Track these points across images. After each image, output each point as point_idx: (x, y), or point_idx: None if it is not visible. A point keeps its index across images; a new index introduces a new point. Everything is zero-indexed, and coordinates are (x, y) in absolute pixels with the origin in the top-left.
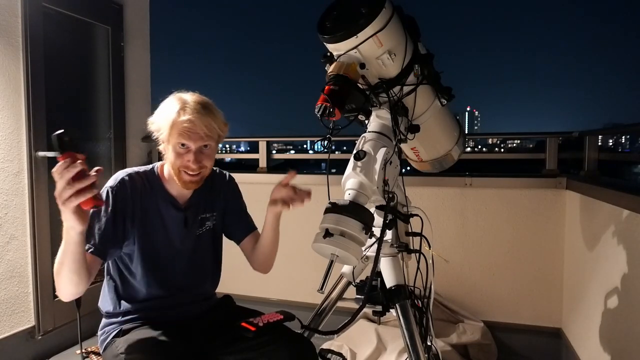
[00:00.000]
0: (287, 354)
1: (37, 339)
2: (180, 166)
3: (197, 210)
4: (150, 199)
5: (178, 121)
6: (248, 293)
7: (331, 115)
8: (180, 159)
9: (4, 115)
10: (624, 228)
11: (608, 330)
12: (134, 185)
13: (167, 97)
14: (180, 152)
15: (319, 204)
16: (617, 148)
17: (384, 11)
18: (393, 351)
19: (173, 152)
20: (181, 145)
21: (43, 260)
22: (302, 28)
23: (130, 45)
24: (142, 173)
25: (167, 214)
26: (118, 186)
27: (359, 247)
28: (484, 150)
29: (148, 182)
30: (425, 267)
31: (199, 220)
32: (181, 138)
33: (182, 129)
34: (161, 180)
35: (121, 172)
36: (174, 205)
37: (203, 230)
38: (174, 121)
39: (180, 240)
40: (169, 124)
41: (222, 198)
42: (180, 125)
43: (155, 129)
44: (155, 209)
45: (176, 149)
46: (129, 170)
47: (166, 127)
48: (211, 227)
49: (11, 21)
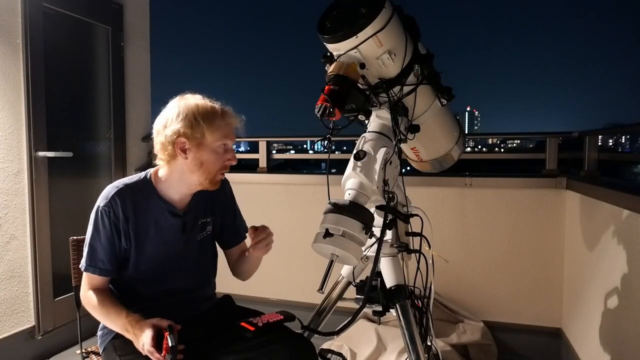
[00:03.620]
0: (287, 354)
1: (37, 339)
2: (220, 168)
3: (197, 215)
4: (144, 211)
5: (222, 123)
6: (248, 293)
7: (331, 115)
8: (220, 159)
9: (4, 115)
10: (624, 228)
11: (608, 330)
12: (124, 201)
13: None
14: (220, 153)
15: (319, 204)
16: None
17: (384, 11)
18: (393, 351)
19: (212, 155)
20: (223, 145)
21: (43, 260)
22: (303, 28)
23: (130, 45)
24: (132, 185)
25: (164, 222)
26: (109, 205)
27: (359, 247)
28: (484, 150)
29: (140, 192)
30: (425, 267)
31: (199, 224)
32: (225, 139)
33: (226, 129)
34: (156, 187)
35: (111, 187)
36: (170, 212)
37: (204, 235)
38: (217, 124)
39: (180, 247)
40: (209, 128)
41: (219, 201)
42: (225, 127)
43: (182, 133)
44: (150, 218)
45: (217, 150)
46: (119, 183)
47: (203, 131)
48: (211, 231)
49: (11, 21)
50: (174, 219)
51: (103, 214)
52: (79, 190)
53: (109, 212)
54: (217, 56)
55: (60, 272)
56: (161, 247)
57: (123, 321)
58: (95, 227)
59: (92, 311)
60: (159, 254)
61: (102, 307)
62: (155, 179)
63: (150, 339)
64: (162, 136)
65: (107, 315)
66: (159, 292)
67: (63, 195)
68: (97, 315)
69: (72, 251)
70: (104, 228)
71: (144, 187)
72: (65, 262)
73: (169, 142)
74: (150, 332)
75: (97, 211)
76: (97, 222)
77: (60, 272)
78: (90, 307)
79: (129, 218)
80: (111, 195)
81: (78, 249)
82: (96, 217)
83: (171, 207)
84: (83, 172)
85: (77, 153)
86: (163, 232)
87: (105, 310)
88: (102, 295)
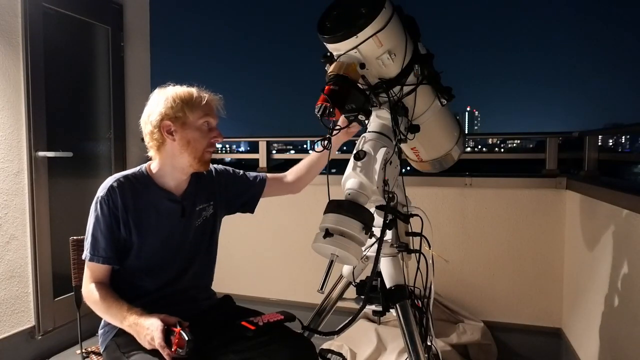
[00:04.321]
0: (287, 353)
1: (37, 339)
2: (207, 145)
3: (195, 201)
4: (142, 198)
5: (200, 101)
6: (248, 293)
7: (331, 115)
8: (206, 137)
9: (4, 115)
10: (624, 228)
11: (608, 330)
12: (123, 190)
13: (154, 95)
14: (205, 131)
15: (319, 204)
16: (617, 148)
17: (384, 11)
18: (393, 351)
19: (197, 133)
20: (206, 123)
21: (43, 260)
22: (303, 28)
23: (130, 45)
24: (130, 175)
25: (163, 208)
26: (108, 194)
27: (359, 247)
28: (484, 150)
29: (138, 182)
30: (425, 267)
31: (196, 211)
32: (207, 116)
33: (205, 108)
34: (152, 178)
35: (110, 178)
36: (169, 197)
37: (201, 221)
38: (196, 102)
39: (179, 232)
40: (189, 106)
41: (218, 189)
42: (205, 104)
43: (164, 115)
44: (149, 206)
45: (202, 128)
46: (117, 175)
47: (184, 110)
48: (207, 217)
49: (11, 21)
50: (173, 205)
51: (102, 203)
52: (79, 191)
53: (108, 202)
54: (217, 56)
55: (60, 272)
56: (162, 234)
57: (124, 314)
58: (96, 217)
59: (93, 305)
60: (161, 240)
61: (104, 301)
62: (150, 172)
63: (160, 333)
64: (149, 125)
65: (109, 310)
66: (161, 282)
67: (63, 195)
68: (98, 310)
69: (72, 251)
70: (104, 217)
71: (141, 178)
72: (65, 262)
73: (155, 127)
74: (160, 326)
75: (96, 202)
76: (97, 212)
77: (60, 272)
78: (92, 301)
79: (128, 207)
80: (109, 185)
81: (78, 249)
82: (96, 207)
83: (169, 194)
84: (83, 172)
85: (77, 153)
86: (163, 218)
87: (106, 304)
88: (103, 290)
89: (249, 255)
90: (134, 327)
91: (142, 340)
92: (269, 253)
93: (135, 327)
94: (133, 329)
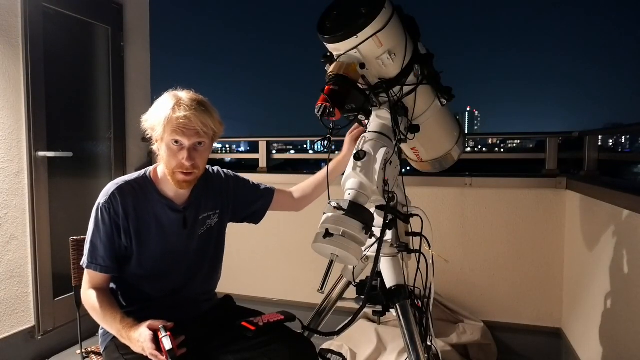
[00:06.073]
0: (288, 353)
1: (37, 339)
2: (175, 166)
3: (198, 210)
4: (144, 207)
5: (173, 117)
6: (248, 293)
7: (331, 115)
8: (175, 157)
9: (4, 115)
10: (624, 228)
11: (608, 330)
12: (125, 198)
13: (161, 96)
14: (174, 150)
15: (319, 204)
16: (617, 148)
17: (384, 11)
18: (393, 351)
19: (167, 150)
20: (175, 142)
21: (43, 260)
22: (303, 28)
23: (130, 45)
24: (132, 182)
25: (164, 218)
26: (109, 201)
27: (359, 247)
28: (484, 150)
29: (140, 189)
30: (425, 267)
31: (200, 220)
32: (175, 134)
33: (176, 125)
34: (155, 184)
35: (112, 184)
36: (170, 207)
37: (205, 229)
38: (169, 118)
39: (181, 242)
40: (163, 121)
41: (226, 196)
42: (175, 121)
43: (150, 126)
44: (151, 215)
45: (170, 146)
46: (119, 181)
47: (160, 125)
48: (212, 225)
49: (11, 21)
50: (174, 215)
51: (103, 210)
52: (79, 190)
53: (109, 209)
54: (217, 56)
55: (60, 272)
56: (163, 243)
57: (117, 326)
58: (96, 224)
59: (91, 312)
60: (161, 250)
61: (100, 309)
62: (154, 177)
63: (150, 342)
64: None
65: (104, 319)
66: (163, 289)
67: (63, 195)
68: (94, 316)
69: (72, 251)
70: (104, 225)
71: (143, 184)
72: (65, 262)
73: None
74: (148, 335)
75: (97, 208)
76: (97, 219)
77: (60, 272)
78: (89, 307)
79: (129, 215)
80: (111, 192)
81: (78, 249)
82: (96, 214)
83: (170, 203)
84: (83, 172)
85: (77, 153)
86: (164, 227)
87: (102, 313)
88: (100, 297)
89: (249, 255)
90: (127, 341)
91: (137, 350)
92: (269, 253)
93: (129, 340)
94: (127, 342)
